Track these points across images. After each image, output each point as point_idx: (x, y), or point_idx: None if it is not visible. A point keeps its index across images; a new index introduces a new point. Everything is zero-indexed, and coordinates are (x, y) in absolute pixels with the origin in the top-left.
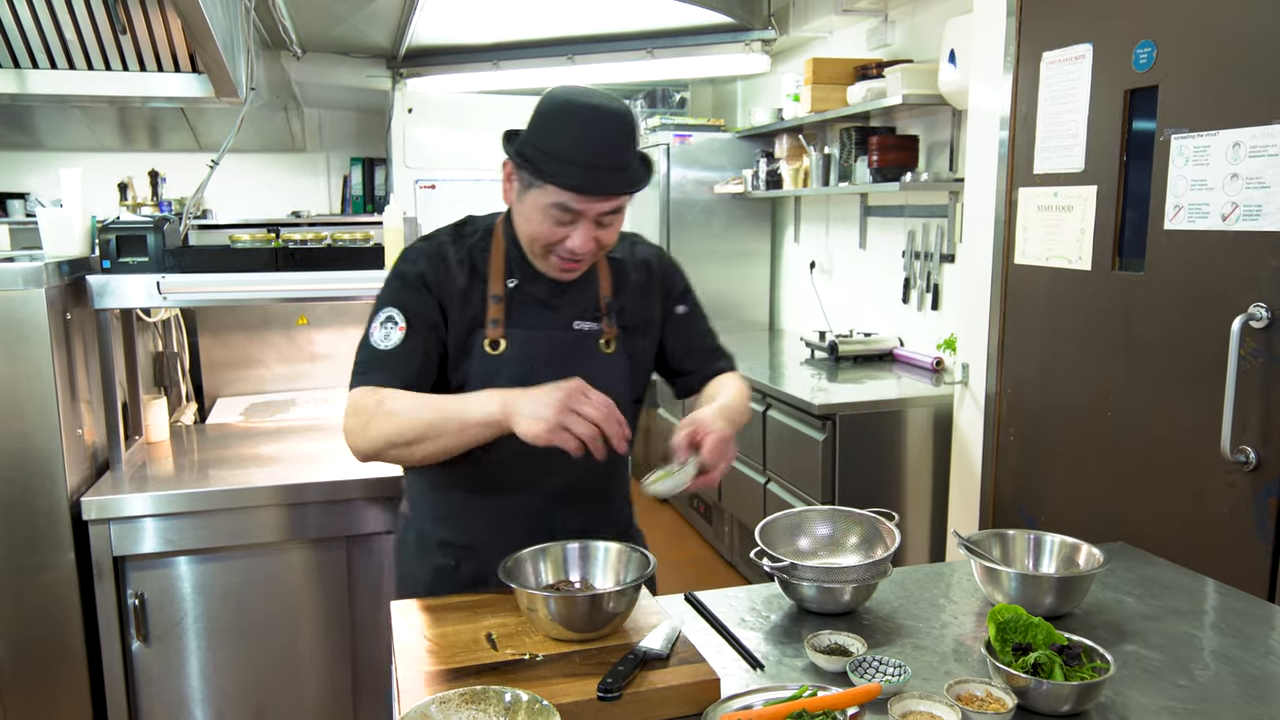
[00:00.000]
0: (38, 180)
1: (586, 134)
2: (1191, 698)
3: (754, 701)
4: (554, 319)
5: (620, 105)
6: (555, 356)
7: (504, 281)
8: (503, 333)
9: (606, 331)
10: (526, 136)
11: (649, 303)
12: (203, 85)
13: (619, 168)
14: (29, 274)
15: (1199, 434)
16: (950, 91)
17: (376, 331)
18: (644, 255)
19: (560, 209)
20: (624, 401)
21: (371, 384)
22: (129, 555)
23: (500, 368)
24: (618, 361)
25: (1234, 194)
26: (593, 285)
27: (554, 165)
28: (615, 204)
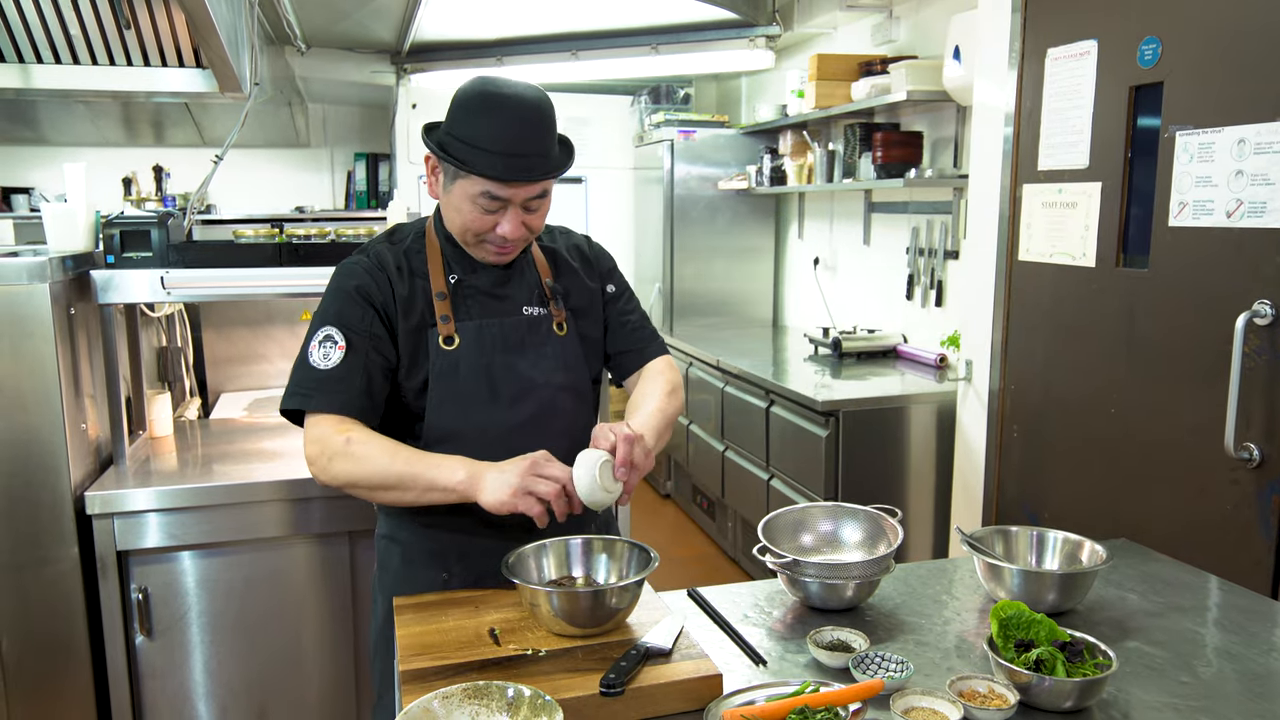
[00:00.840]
0: (42, 175)
1: (506, 123)
2: (1194, 694)
3: (756, 697)
4: (502, 306)
5: (537, 92)
6: (511, 342)
7: (445, 278)
8: (454, 328)
9: (556, 314)
10: (446, 128)
11: (588, 286)
12: (207, 80)
13: (540, 153)
14: (33, 269)
15: (1202, 431)
16: (955, 88)
17: (315, 351)
18: (575, 241)
19: (487, 198)
20: (584, 382)
21: (319, 409)
22: (133, 550)
23: (458, 361)
24: (571, 342)
25: (1239, 191)
26: (532, 271)
27: (476, 155)
28: (540, 188)
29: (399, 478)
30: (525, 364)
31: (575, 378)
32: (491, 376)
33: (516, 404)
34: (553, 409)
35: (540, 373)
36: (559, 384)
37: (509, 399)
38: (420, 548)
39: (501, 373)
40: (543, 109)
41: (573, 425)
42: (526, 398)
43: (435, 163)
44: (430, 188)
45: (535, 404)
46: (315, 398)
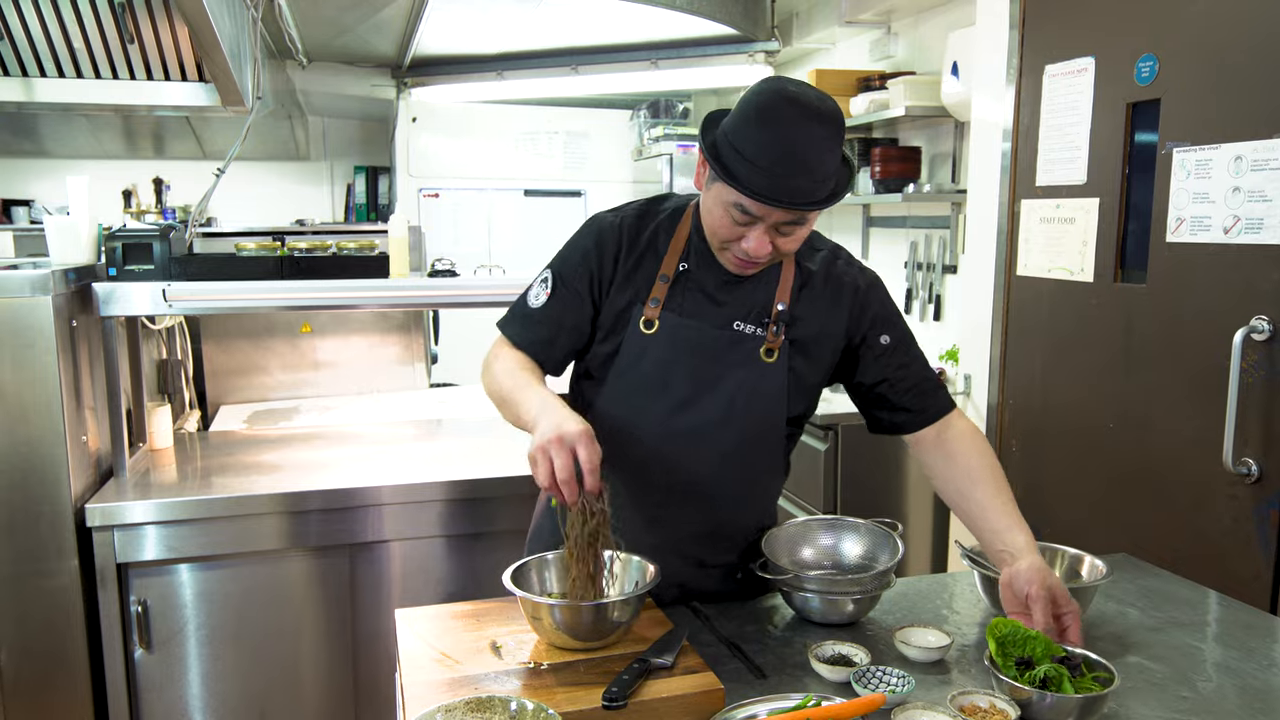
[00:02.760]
0: (42, 187)
1: (782, 138)
2: (1194, 709)
3: (758, 711)
4: (715, 313)
5: (830, 109)
6: (705, 351)
7: (677, 264)
8: (659, 314)
9: (770, 339)
10: (726, 125)
11: (831, 322)
12: (209, 94)
13: (810, 178)
14: (36, 281)
15: (1201, 446)
16: (953, 103)
17: (534, 287)
18: (841, 273)
19: (739, 210)
20: (773, 418)
21: (506, 333)
22: (132, 562)
23: (648, 348)
24: (776, 373)
25: (1235, 207)
26: (768, 288)
27: (739, 165)
28: (797, 214)
29: (505, 399)
30: (709, 376)
31: (762, 407)
32: (670, 375)
33: (682, 412)
34: (720, 430)
35: (721, 391)
36: (738, 408)
37: (677, 404)
38: None
39: (681, 377)
40: (829, 126)
41: (737, 455)
42: (694, 410)
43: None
44: (697, 178)
45: (705, 416)
46: (510, 325)
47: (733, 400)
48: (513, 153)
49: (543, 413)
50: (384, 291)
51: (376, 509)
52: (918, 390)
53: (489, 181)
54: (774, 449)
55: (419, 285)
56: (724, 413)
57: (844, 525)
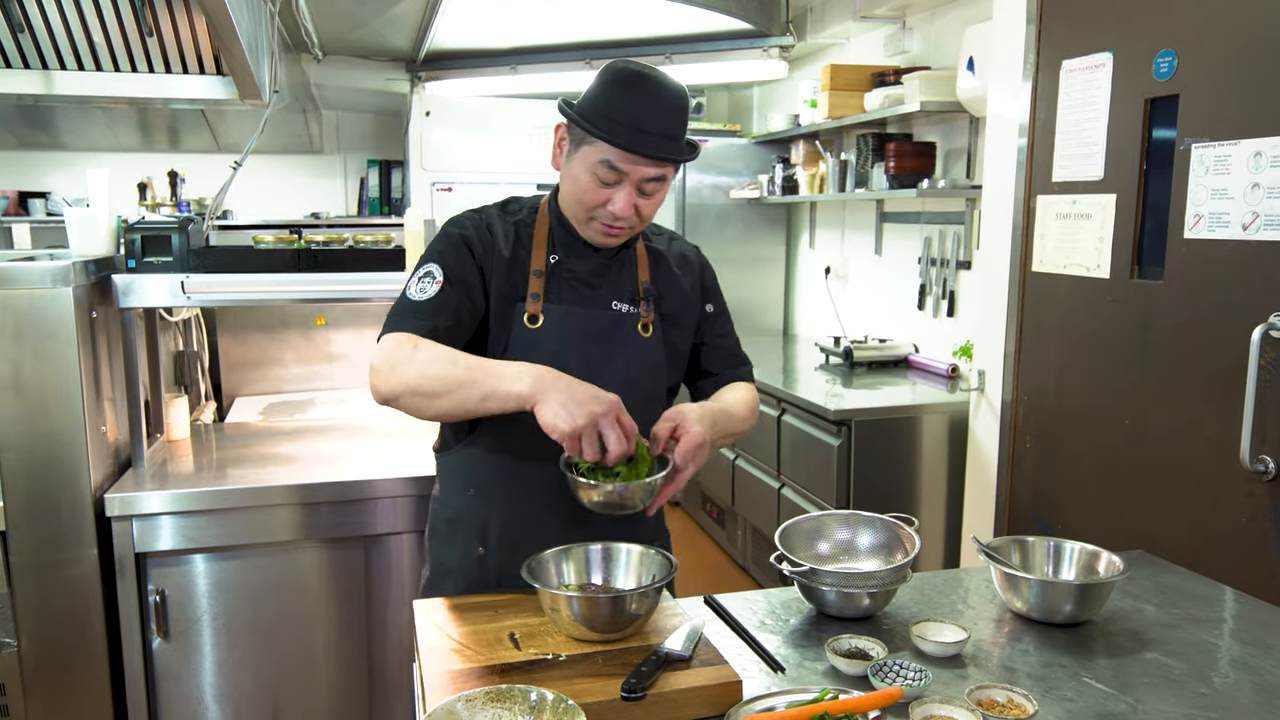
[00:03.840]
0: (58, 179)
1: (641, 100)
2: (1212, 706)
3: (776, 704)
4: (593, 297)
5: (677, 83)
6: (592, 334)
7: (546, 257)
8: (541, 308)
9: (644, 315)
10: (584, 99)
11: (687, 296)
12: (227, 87)
13: (668, 136)
14: (57, 273)
15: (1218, 443)
16: (968, 99)
17: (413, 286)
18: (682, 249)
19: (606, 167)
20: (659, 389)
21: (403, 329)
22: (150, 552)
23: (538, 342)
24: (654, 346)
25: (1255, 203)
26: (631, 268)
27: (605, 123)
28: (659, 170)
29: (461, 381)
30: (600, 358)
31: (649, 380)
32: (565, 365)
33: None
34: None
35: (614, 370)
36: (631, 384)
37: None
38: (465, 518)
39: (576, 363)
40: (679, 96)
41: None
42: None
43: (563, 133)
44: (554, 158)
45: None
46: (401, 322)
47: (624, 378)
48: (526, 147)
49: (550, 386)
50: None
51: (390, 501)
52: (728, 357)
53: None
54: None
55: None
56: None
57: (860, 520)
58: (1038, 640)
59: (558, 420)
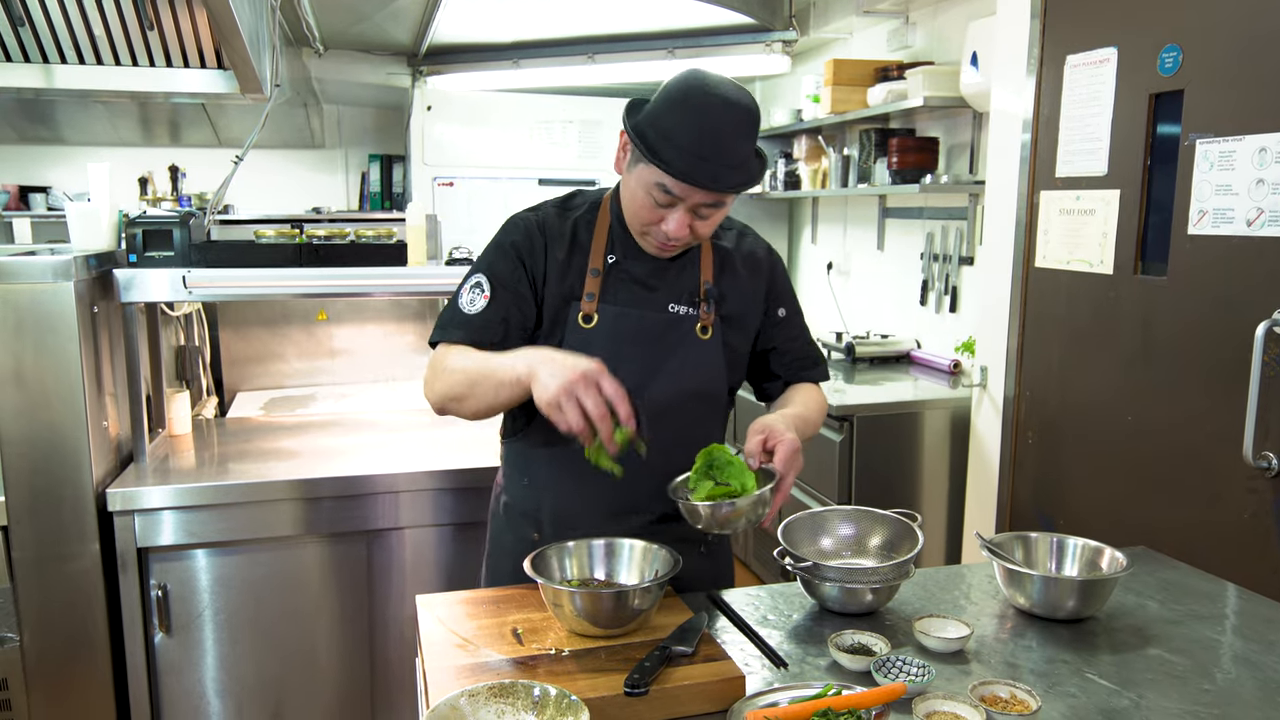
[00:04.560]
0: (59, 174)
1: (704, 122)
2: (1215, 702)
3: (779, 699)
4: (650, 299)
5: (747, 99)
6: (646, 336)
7: (604, 256)
8: (596, 307)
9: (703, 317)
10: (649, 110)
11: (751, 297)
12: (228, 81)
13: (729, 163)
14: (58, 267)
15: (1221, 439)
16: (972, 94)
17: (464, 295)
18: (751, 248)
19: (661, 190)
20: (717, 390)
21: (451, 339)
22: (152, 547)
23: (591, 342)
24: (713, 348)
25: (1259, 199)
26: (693, 269)
27: (664, 146)
28: (716, 197)
29: (473, 380)
30: (654, 360)
31: (706, 383)
32: (617, 365)
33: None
34: (674, 409)
35: (667, 372)
36: (686, 387)
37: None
38: (520, 505)
39: (628, 364)
40: (745, 117)
41: (693, 431)
42: (647, 391)
43: (627, 140)
44: (617, 162)
45: (655, 400)
46: (451, 332)
47: (678, 380)
48: (527, 142)
49: (540, 361)
50: (402, 279)
51: (392, 496)
52: (800, 362)
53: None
54: (717, 420)
55: (437, 273)
56: (671, 393)
57: (864, 515)
58: (1041, 636)
59: (540, 395)
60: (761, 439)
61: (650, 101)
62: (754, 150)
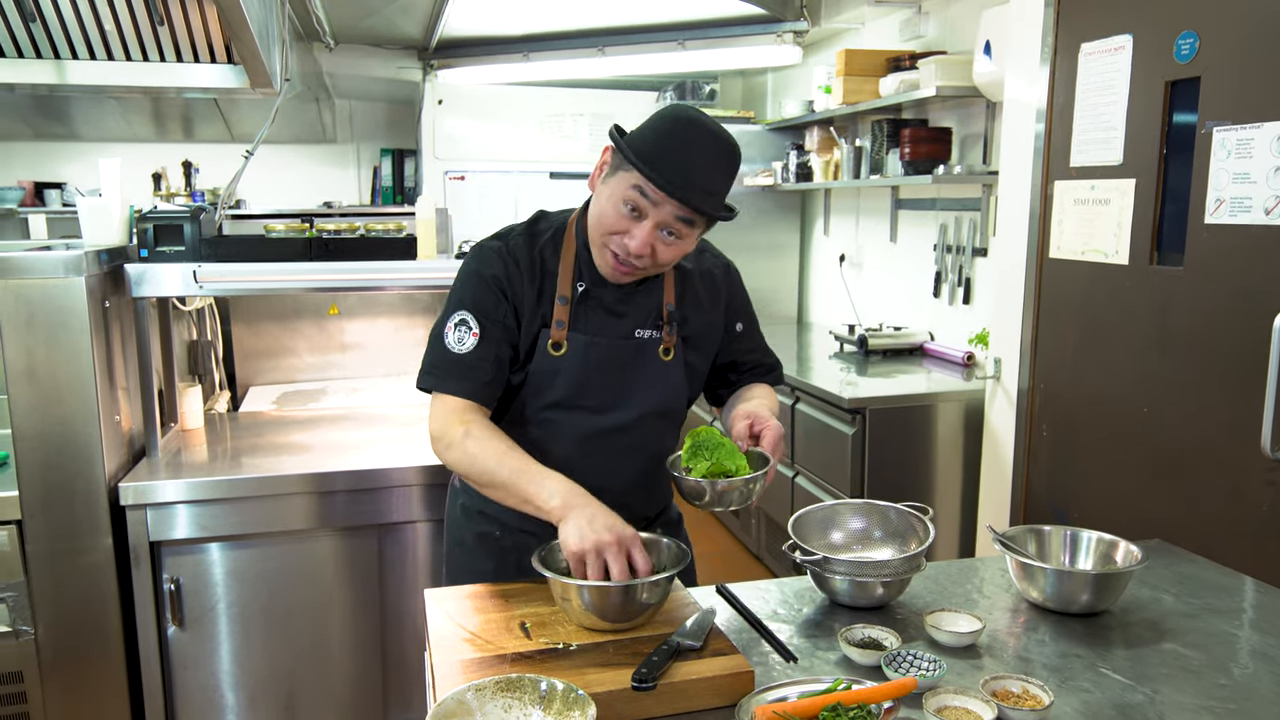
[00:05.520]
0: (74, 170)
1: (690, 146)
2: (1231, 697)
3: (789, 694)
4: (617, 326)
5: (731, 140)
6: (613, 363)
7: (572, 284)
8: (565, 335)
9: (666, 339)
10: (635, 131)
11: (711, 316)
12: (238, 76)
13: (705, 187)
14: (70, 262)
15: (1238, 431)
16: (985, 83)
17: (451, 334)
18: (710, 266)
19: (637, 192)
20: (677, 407)
21: (447, 391)
22: (165, 540)
23: (559, 370)
24: (674, 369)
25: (1278, 187)
26: (657, 292)
27: (648, 153)
28: (687, 214)
29: (501, 483)
30: (621, 383)
31: (667, 402)
32: (585, 389)
33: (601, 415)
34: (634, 428)
35: (633, 393)
36: (649, 406)
37: (594, 409)
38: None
39: (596, 387)
40: (728, 151)
41: (649, 445)
42: (612, 413)
43: (607, 157)
44: (592, 179)
45: (619, 419)
46: (447, 382)
47: (643, 402)
48: (538, 135)
49: (578, 507)
50: (412, 273)
51: (404, 490)
52: (756, 371)
53: (514, 164)
54: (673, 434)
55: (447, 267)
56: (636, 413)
57: (874, 509)
58: (1054, 630)
59: (569, 540)
60: (748, 424)
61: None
62: (727, 190)
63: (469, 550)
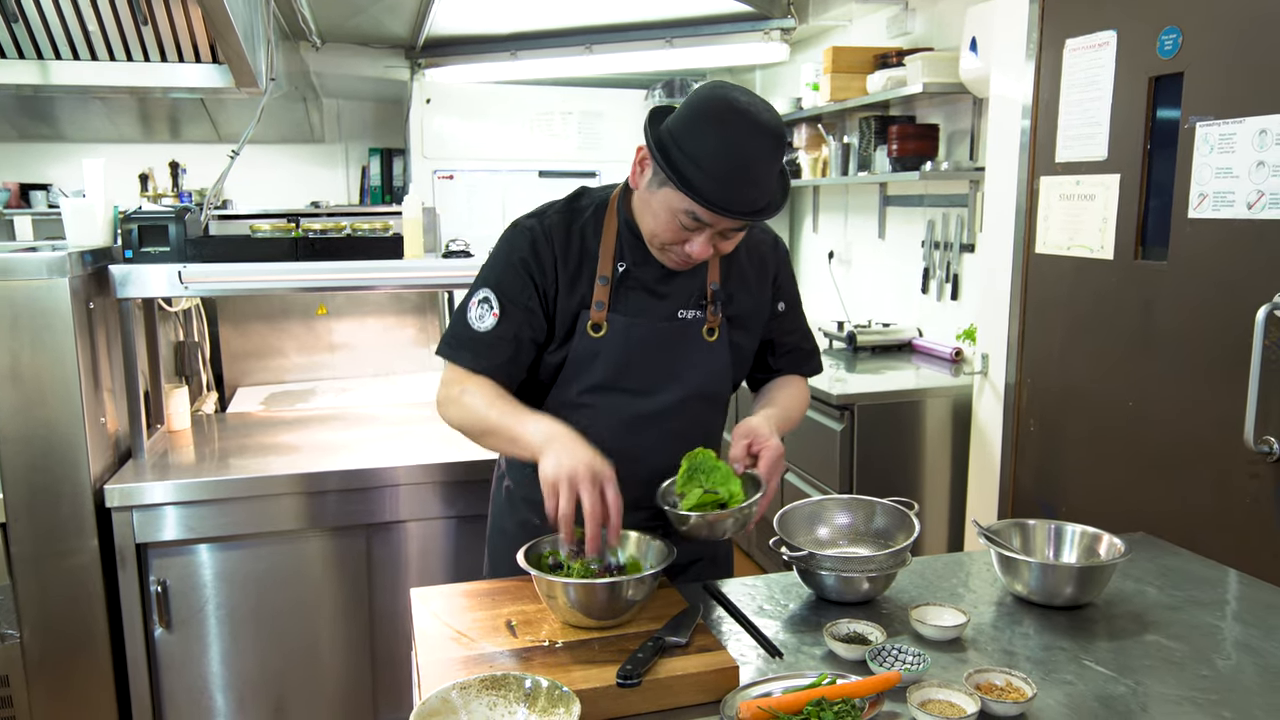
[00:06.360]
0: (60, 171)
1: (735, 147)
2: (1214, 688)
3: (773, 689)
4: (658, 307)
5: (774, 119)
6: (654, 345)
7: (613, 264)
8: (605, 317)
9: (710, 319)
10: (672, 127)
11: (759, 293)
12: (223, 76)
13: (760, 188)
14: (53, 263)
15: (1222, 424)
16: (971, 80)
17: (473, 309)
18: (757, 241)
19: (690, 217)
20: (722, 391)
21: (460, 364)
22: (151, 542)
23: (599, 351)
24: (719, 350)
25: (1260, 182)
26: (701, 272)
27: (695, 174)
28: (744, 222)
29: (490, 428)
30: (662, 366)
31: (711, 385)
32: (626, 371)
33: (641, 399)
34: (678, 411)
35: (675, 376)
36: (692, 389)
37: (635, 393)
38: (522, 490)
39: (637, 374)
40: (776, 140)
41: (693, 429)
42: (654, 396)
43: (645, 155)
44: (633, 176)
45: (660, 403)
46: (461, 354)
47: (685, 385)
48: (527, 134)
49: (556, 439)
50: (399, 273)
51: (393, 489)
52: (793, 355)
53: (503, 163)
54: (719, 418)
55: (434, 266)
56: (678, 397)
57: (860, 504)
58: (1038, 623)
59: (546, 470)
60: (746, 444)
61: (674, 114)
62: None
63: (511, 538)
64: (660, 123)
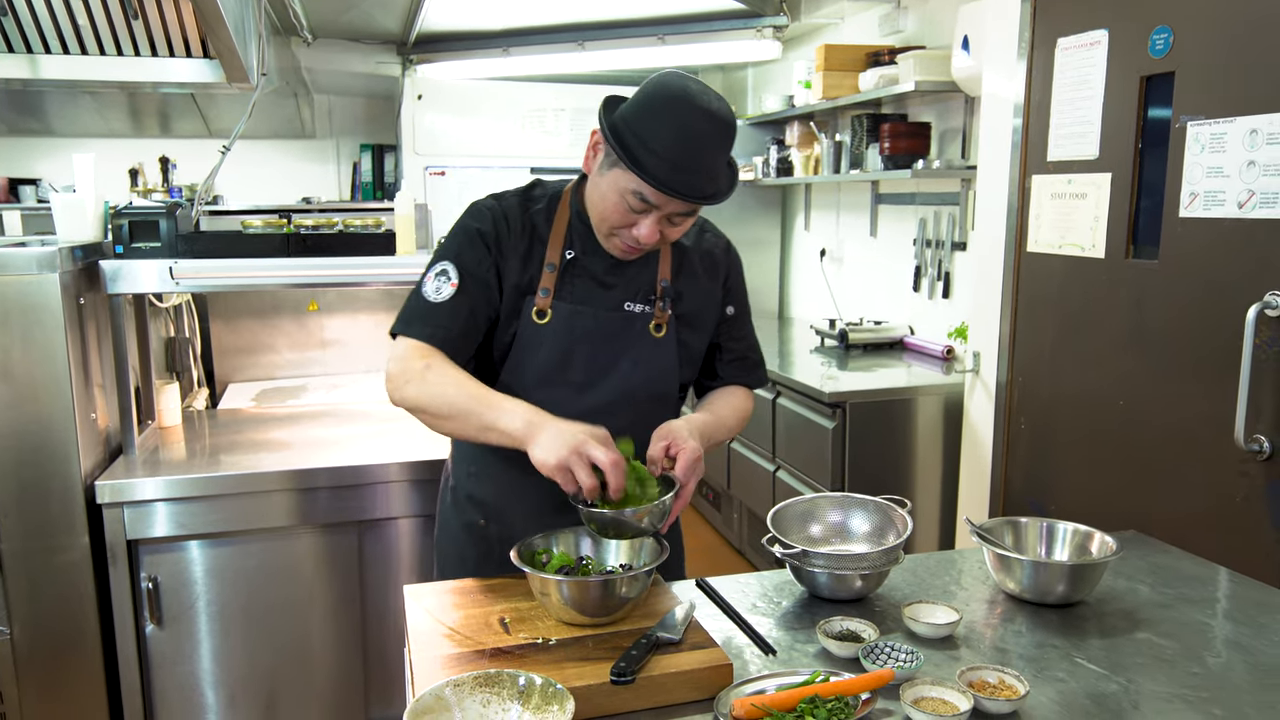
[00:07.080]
0: (49, 166)
1: (686, 132)
2: (1204, 686)
3: (766, 686)
4: (605, 297)
5: (725, 110)
6: (598, 335)
7: (562, 251)
8: (550, 303)
9: (658, 315)
10: (626, 113)
11: (709, 294)
12: (214, 70)
13: (708, 174)
14: (43, 259)
15: (1212, 423)
16: (963, 78)
17: (429, 283)
18: (710, 245)
19: (637, 198)
20: (669, 389)
21: (413, 335)
22: (142, 539)
23: (543, 339)
24: (667, 346)
25: (1250, 181)
26: (651, 267)
27: (645, 155)
28: (690, 206)
29: (462, 412)
30: (606, 359)
31: (656, 382)
32: (569, 362)
33: (585, 393)
34: (624, 408)
35: (619, 371)
36: (635, 385)
37: (579, 387)
38: (466, 492)
39: (580, 362)
40: (725, 128)
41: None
42: (597, 390)
43: (599, 140)
44: (586, 161)
45: (605, 398)
46: (415, 325)
47: (629, 379)
48: (519, 130)
49: (540, 425)
50: (391, 269)
51: (384, 486)
52: (739, 364)
53: (495, 159)
54: (667, 417)
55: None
56: (622, 392)
57: (853, 502)
58: (1030, 621)
59: (545, 458)
60: (664, 445)
61: (628, 101)
62: (727, 161)
63: (454, 538)
64: (615, 109)
